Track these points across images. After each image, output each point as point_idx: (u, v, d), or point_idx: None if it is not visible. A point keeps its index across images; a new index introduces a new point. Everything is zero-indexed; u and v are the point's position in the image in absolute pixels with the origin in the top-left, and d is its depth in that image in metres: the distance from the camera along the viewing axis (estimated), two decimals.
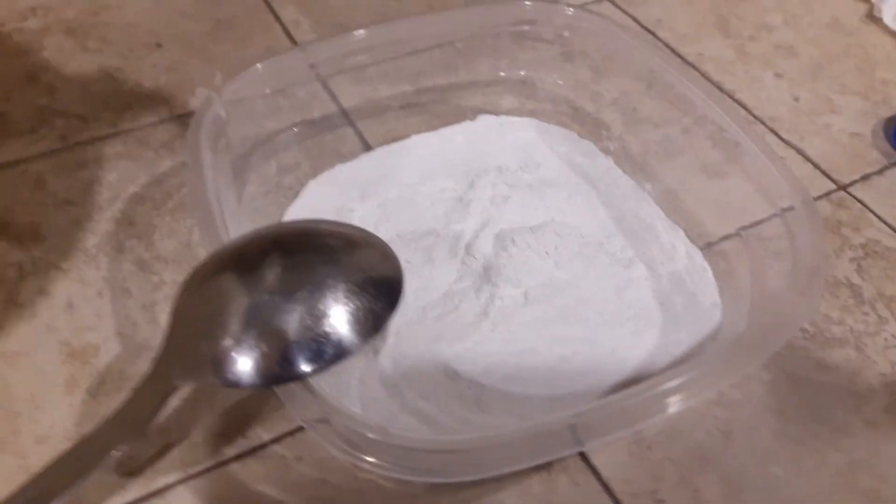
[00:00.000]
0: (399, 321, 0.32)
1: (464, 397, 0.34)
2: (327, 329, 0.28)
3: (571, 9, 0.47)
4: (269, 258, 0.30)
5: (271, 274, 0.29)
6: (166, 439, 0.34)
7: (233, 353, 0.28)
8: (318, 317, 0.28)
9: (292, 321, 0.28)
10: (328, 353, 0.28)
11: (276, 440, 0.35)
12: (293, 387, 0.28)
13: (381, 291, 0.30)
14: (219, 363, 0.28)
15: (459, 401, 0.34)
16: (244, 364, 0.27)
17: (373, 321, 0.29)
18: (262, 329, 0.28)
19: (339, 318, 0.28)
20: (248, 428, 0.35)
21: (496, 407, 0.34)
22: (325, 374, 0.29)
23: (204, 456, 0.34)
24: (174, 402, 0.34)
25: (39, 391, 0.36)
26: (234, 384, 0.27)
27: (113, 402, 0.35)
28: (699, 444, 0.35)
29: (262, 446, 0.34)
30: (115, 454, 0.28)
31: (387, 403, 0.34)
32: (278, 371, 0.27)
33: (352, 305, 0.29)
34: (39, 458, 0.34)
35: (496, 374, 0.35)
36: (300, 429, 0.35)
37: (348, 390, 0.34)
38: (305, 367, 0.28)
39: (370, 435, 0.28)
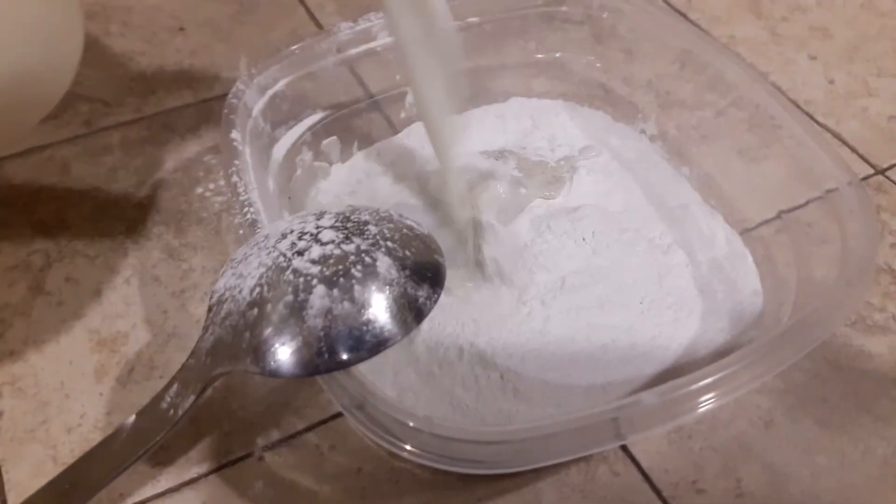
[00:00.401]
0: (434, 308, 0.31)
1: (500, 386, 0.34)
2: (369, 317, 0.27)
3: None
4: (308, 245, 0.29)
5: (311, 261, 0.28)
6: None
7: (274, 343, 0.27)
8: (360, 305, 0.27)
9: (333, 310, 0.27)
10: (369, 342, 0.27)
11: (309, 429, 0.34)
12: (333, 374, 0.27)
13: (423, 280, 0.29)
14: (259, 352, 0.27)
15: (496, 389, 0.34)
16: (285, 353, 0.27)
17: (415, 310, 0.28)
18: (303, 318, 0.27)
19: (381, 306, 0.28)
20: (282, 417, 0.34)
21: (534, 396, 0.33)
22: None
23: (237, 445, 0.33)
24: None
25: (68, 380, 0.36)
26: (275, 374, 0.27)
27: (143, 391, 0.35)
28: (741, 433, 0.34)
29: (296, 435, 0.34)
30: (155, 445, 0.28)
31: (421, 390, 0.34)
32: (318, 361, 0.27)
33: (394, 294, 0.28)
34: (69, 447, 0.33)
35: (533, 363, 0.34)
36: (334, 417, 0.34)
37: (383, 377, 0.34)
38: (346, 357, 0.27)
39: (411, 423, 0.27)
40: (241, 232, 0.33)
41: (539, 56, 0.47)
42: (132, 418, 0.29)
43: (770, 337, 0.30)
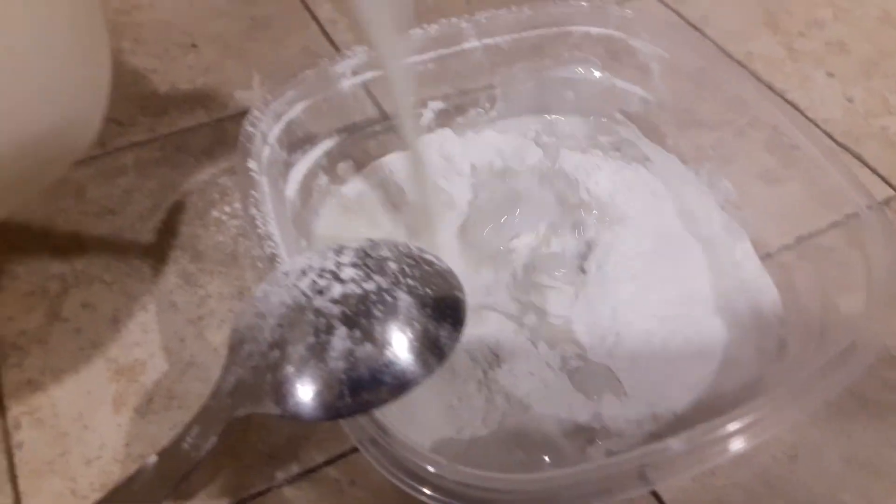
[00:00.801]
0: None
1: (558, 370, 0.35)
2: (391, 359, 0.27)
3: (617, 7, 0.45)
4: (329, 283, 0.29)
5: (332, 300, 0.28)
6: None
7: (295, 385, 0.27)
8: (382, 347, 0.27)
9: (355, 352, 0.27)
10: (391, 384, 0.27)
11: (329, 462, 0.34)
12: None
13: (444, 318, 0.29)
14: (281, 395, 0.27)
15: (552, 373, 0.35)
16: (306, 397, 0.27)
17: (437, 350, 0.28)
18: (325, 360, 0.27)
19: (402, 347, 0.27)
20: (301, 450, 0.34)
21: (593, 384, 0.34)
22: None
23: (256, 479, 0.33)
24: None
25: (87, 410, 0.36)
26: (297, 417, 0.27)
27: (162, 422, 0.35)
28: (764, 468, 0.34)
29: (316, 469, 0.34)
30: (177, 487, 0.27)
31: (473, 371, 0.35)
32: (340, 404, 0.26)
33: (416, 334, 0.28)
34: (88, 480, 0.33)
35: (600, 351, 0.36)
36: (354, 450, 0.34)
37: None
38: (368, 400, 0.27)
39: (430, 468, 0.27)
40: (259, 265, 0.32)
41: (554, 73, 0.47)
42: (153, 458, 0.28)
43: (800, 378, 0.29)
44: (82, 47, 0.32)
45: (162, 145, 0.46)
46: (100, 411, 0.35)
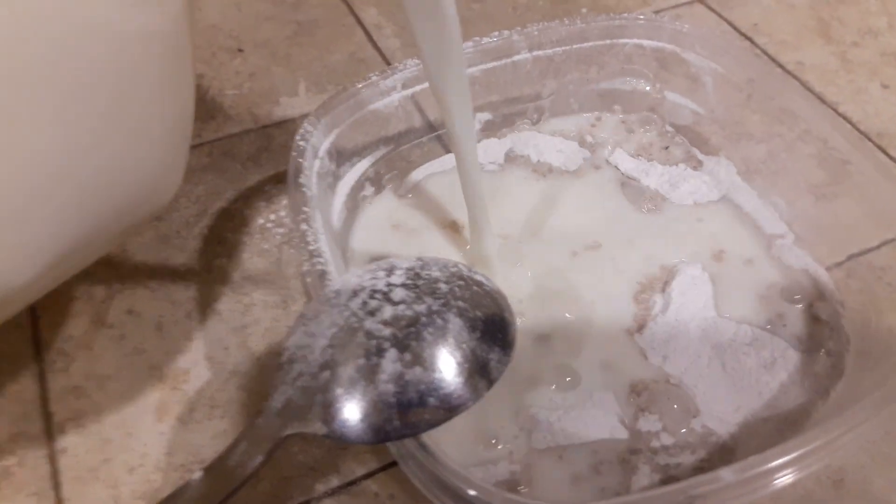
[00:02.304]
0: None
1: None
2: (440, 384, 0.27)
3: (670, 21, 0.45)
4: (380, 305, 0.29)
5: (383, 322, 0.28)
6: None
7: (345, 408, 0.27)
8: (432, 371, 0.27)
9: (405, 375, 0.27)
10: (439, 409, 0.27)
11: (369, 475, 0.34)
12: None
13: (494, 342, 0.28)
14: (330, 416, 0.27)
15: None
16: (355, 420, 0.26)
17: (486, 375, 0.28)
18: (375, 383, 0.27)
19: (451, 372, 0.27)
20: (342, 462, 0.34)
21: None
22: None
23: (296, 491, 0.33)
24: None
25: (130, 417, 0.36)
26: (345, 440, 0.26)
27: (204, 431, 0.35)
28: (808, 492, 0.33)
29: (356, 482, 0.34)
30: None
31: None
32: (389, 428, 0.26)
33: (466, 358, 0.27)
34: (131, 488, 0.33)
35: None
36: (393, 464, 0.34)
37: None
38: (416, 424, 0.27)
39: (471, 492, 0.27)
40: (308, 280, 0.32)
41: (602, 84, 0.46)
42: (199, 474, 0.28)
43: (853, 409, 0.29)
44: (172, 117, 0.31)
45: (209, 151, 0.46)
46: (143, 419, 0.36)
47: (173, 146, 0.31)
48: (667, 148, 0.46)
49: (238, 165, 0.46)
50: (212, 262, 0.41)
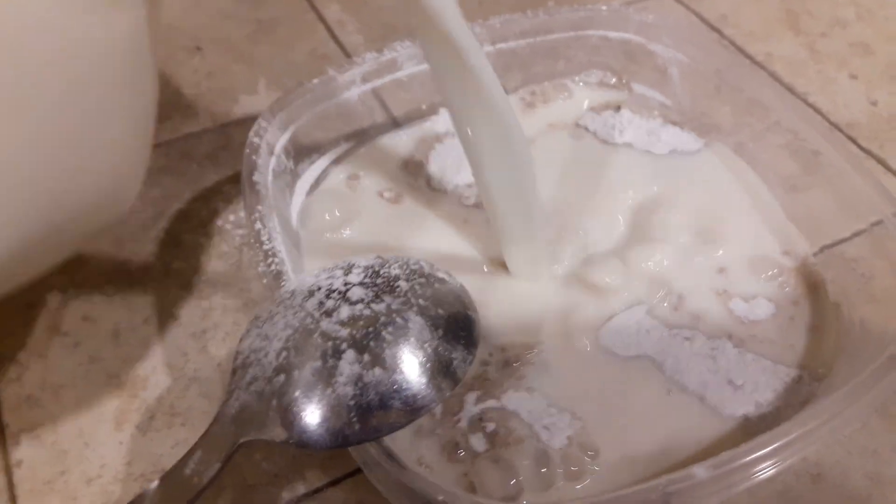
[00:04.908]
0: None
1: None
2: (401, 385, 0.26)
3: (636, 11, 0.44)
4: (337, 305, 0.27)
5: (340, 323, 0.27)
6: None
7: (302, 413, 0.25)
8: (392, 372, 0.26)
9: (364, 377, 0.26)
10: (401, 411, 0.26)
11: (335, 482, 0.33)
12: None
13: (457, 340, 0.27)
14: (287, 422, 0.26)
15: None
16: (313, 424, 0.25)
17: (449, 375, 0.27)
18: (333, 385, 0.26)
19: (413, 372, 0.26)
20: (307, 469, 0.33)
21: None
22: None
23: (260, 499, 0.32)
24: None
25: (87, 427, 0.34)
26: (303, 445, 0.25)
27: (164, 439, 0.34)
28: (787, 487, 0.33)
29: (322, 489, 0.33)
30: None
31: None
32: (349, 432, 0.25)
33: (427, 358, 0.26)
34: (89, 500, 0.32)
35: None
36: (359, 470, 0.33)
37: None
38: (377, 427, 0.26)
39: (439, 497, 0.26)
40: (264, 281, 0.31)
41: (565, 79, 0.46)
42: (155, 484, 0.27)
43: (827, 401, 0.28)
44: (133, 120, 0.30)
45: (166, 152, 0.45)
46: (100, 428, 0.34)
47: (133, 153, 0.31)
48: None
49: (196, 166, 0.44)
50: (169, 266, 0.40)
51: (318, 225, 0.38)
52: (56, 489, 0.33)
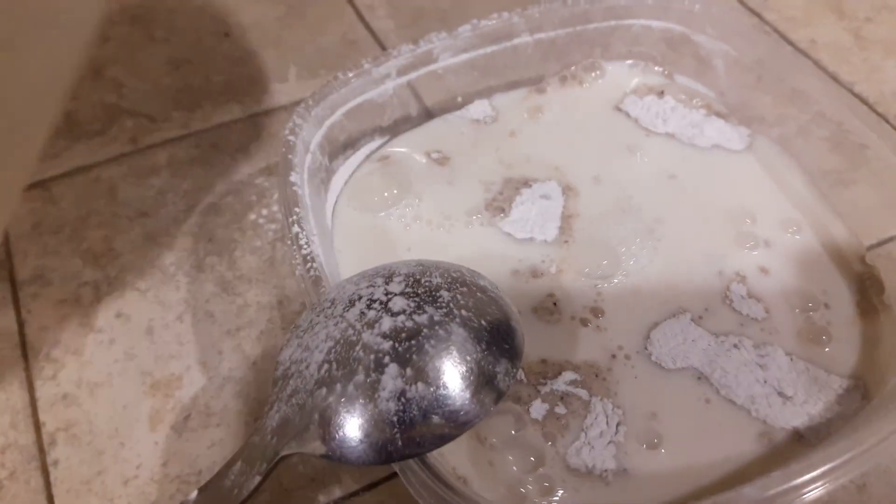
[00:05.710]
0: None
1: None
2: (444, 401, 0.25)
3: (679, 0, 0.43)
4: (378, 316, 0.27)
5: (382, 335, 0.26)
6: None
7: (343, 428, 0.25)
8: (435, 387, 0.25)
9: (407, 392, 0.25)
10: (444, 427, 0.25)
11: (371, 486, 0.33)
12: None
13: (501, 353, 0.27)
14: (328, 437, 0.25)
15: None
16: (355, 440, 0.25)
17: (493, 389, 0.26)
18: (375, 401, 0.25)
19: (456, 387, 0.25)
20: (343, 473, 0.33)
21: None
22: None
23: (297, 503, 0.32)
24: None
25: (123, 426, 0.34)
26: (344, 460, 0.25)
27: (199, 440, 0.34)
28: (832, 498, 0.32)
29: (358, 492, 0.32)
30: None
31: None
32: (391, 448, 0.25)
33: (471, 372, 0.26)
34: (126, 501, 0.32)
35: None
36: (395, 475, 0.33)
37: None
38: (419, 444, 0.25)
39: None
40: (302, 286, 0.31)
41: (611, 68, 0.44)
42: (194, 494, 0.27)
43: (882, 419, 0.27)
44: None
45: (196, 142, 0.44)
46: (136, 428, 0.34)
47: None
48: None
49: (227, 157, 0.44)
50: (203, 261, 0.39)
51: (351, 220, 0.38)
52: (93, 490, 0.33)
